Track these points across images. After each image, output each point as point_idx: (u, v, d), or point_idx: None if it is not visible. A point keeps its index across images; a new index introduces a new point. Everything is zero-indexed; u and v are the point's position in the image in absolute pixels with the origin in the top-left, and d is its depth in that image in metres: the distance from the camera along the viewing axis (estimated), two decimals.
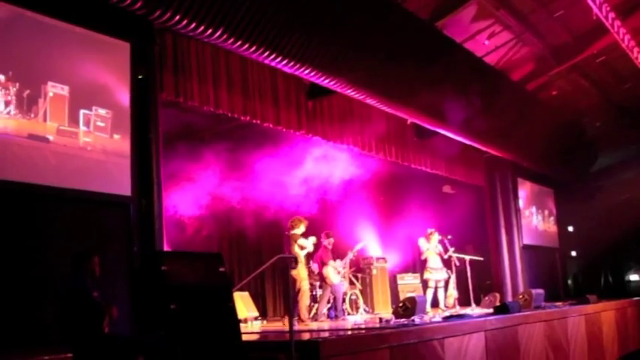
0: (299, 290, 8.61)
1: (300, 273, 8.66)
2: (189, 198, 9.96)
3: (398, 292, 12.74)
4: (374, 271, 12.18)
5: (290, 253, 8.70)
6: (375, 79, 8.60)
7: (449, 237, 10.62)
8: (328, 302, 9.77)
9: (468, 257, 10.54)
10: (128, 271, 6.16)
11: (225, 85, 8.21)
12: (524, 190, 15.11)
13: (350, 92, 8.55)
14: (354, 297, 10.97)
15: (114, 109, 6.26)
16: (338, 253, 10.46)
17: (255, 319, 10.05)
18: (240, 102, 8.41)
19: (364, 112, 10.59)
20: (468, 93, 10.21)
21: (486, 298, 11.05)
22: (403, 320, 6.85)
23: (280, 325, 9.17)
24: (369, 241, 13.24)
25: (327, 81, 8.09)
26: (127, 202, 6.26)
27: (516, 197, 14.33)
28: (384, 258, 12.68)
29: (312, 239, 9.02)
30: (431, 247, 10.42)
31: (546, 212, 16.17)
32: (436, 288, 10.38)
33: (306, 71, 7.69)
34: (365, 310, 11.07)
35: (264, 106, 8.78)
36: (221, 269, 4.87)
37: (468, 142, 11.77)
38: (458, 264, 10.36)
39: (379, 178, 13.85)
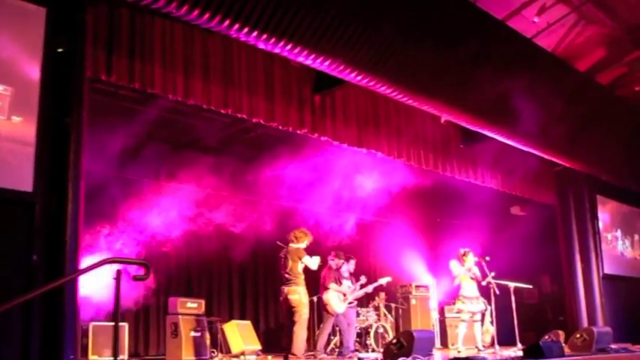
0: (297, 320, 7.02)
1: (302, 298, 7.10)
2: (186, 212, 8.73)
3: (446, 326, 10.84)
4: (412, 301, 10.35)
5: (287, 272, 7.18)
6: (389, 61, 6.98)
7: (487, 258, 8.63)
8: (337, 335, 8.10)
9: (512, 284, 8.49)
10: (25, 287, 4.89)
11: (200, 71, 6.94)
12: (607, 210, 12.69)
13: (355, 77, 6.96)
14: (381, 330, 9.21)
15: (16, 85, 5.11)
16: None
17: (257, 353, 8.56)
18: (219, 92, 7.09)
19: (391, 109, 8.97)
20: (515, 84, 8.36)
21: (546, 337, 8.92)
22: None
23: None
24: (414, 265, 11.45)
25: (322, 62, 6.59)
26: (28, 200, 5.03)
27: (595, 218, 12.00)
28: (425, 286, 10.80)
29: (317, 259, 7.42)
30: (464, 271, 8.49)
31: (636, 237, 13.53)
32: (472, 322, 8.42)
33: (303, 53, 6.27)
34: None
35: (254, 98, 7.41)
36: None
37: (524, 149, 9.79)
38: (498, 292, 8.35)
39: (429, 193, 12.08)
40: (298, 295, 7.04)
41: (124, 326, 8.87)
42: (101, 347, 8.61)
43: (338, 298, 7.92)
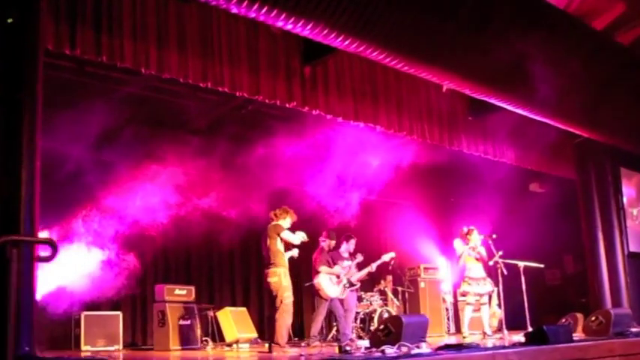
0: (279, 305, 6.53)
1: (282, 281, 6.55)
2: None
3: (458, 310, 10.30)
4: (421, 285, 9.81)
5: (266, 252, 6.69)
6: (377, 24, 6.39)
7: (494, 236, 8.01)
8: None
9: (522, 264, 7.86)
10: None
11: (175, 43, 6.47)
12: (632, 184, 11.90)
13: (342, 43, 6.37)
14: (385, 316, 8.69)
15: None
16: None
17: (254, 341, 8.14)
18: (197, 65, 6.62)
19: (390, 79, 8.40)
20: (523, 46, 7.70)
21: (563, 320, 8.31)
22: (371, 351, 4.64)
23: (261, 349, 7.17)
24: (426, 247, 10.89)
25: (303, 27, 6.04)
26: None
27: (618, 192, 11.25)
28: (435, 268, 10.24)
29: (301, 234, 6.81)
30: (468, 250, 7.90)
31: None
32: (479, 305, 7.84)
33: (281, 16, 5.75)
34: None
35: (236, 70, 6.92)
36: None
37: (538, 119, 9.11)
38: (506, 272, 7.73)
39: (442, 171, 11.49)
40: (277, 277, 6.47)
41: (118, 315, 8.60)
42: (94, 337, 8.38)
43: (330, 281, 7.43)
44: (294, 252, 6.81)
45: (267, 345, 6.51)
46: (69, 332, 8.54)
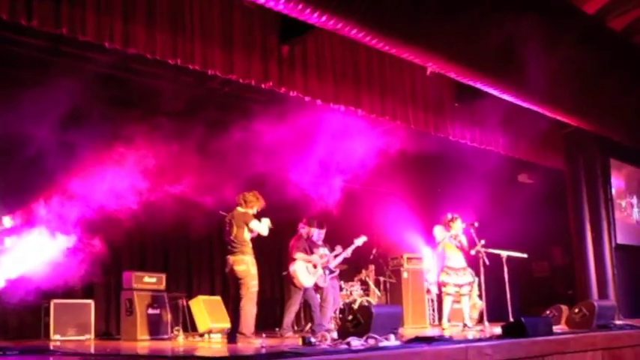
0: (245, 293, 6.21)
1: (250, 269, 6.24)
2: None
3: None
4: (404, 275, 9.53)
5: (231, 239, 6.37)
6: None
7: (475, 224, 7.72)
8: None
9: (504, 253, 7.58)
10: None
11: (142, 16, 6.11)
12: (622, 176, 11.67)
13: (319, 19, 6.02)
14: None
15: None
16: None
17: (227, 331, 7.81)
18: (166, 40, 6.27)
19: (374, 61, 8.08)
20: (510, 29, 7.40)
21: (548, 312, 8.05)
22: (336, 343, 4.34)
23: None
24: (410, 237, 10.60)
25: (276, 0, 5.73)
26: None
27: (607, 183, 11.01)
28: (419, 258, 9.95)
29: (267, 222, 6.51)
30: (448, 238, 7.60)
31: None
32: (460, 296, 7.57)
33: None
34: None
35: (208, 47, 6.58)
36: None
37: (526, 105, 8.82)
38: (488, 262, 7.45)
39: (429, 160, 11.21)
40: (245, 265, 6.19)
41: (90, 304, 8.29)
42: (64, 326, 8.07)
43: (307, 270, 7.13)
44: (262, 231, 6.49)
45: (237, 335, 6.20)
46: (39, 321, 8.25)
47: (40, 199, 7.07)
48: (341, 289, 8.51)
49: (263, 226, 6.43)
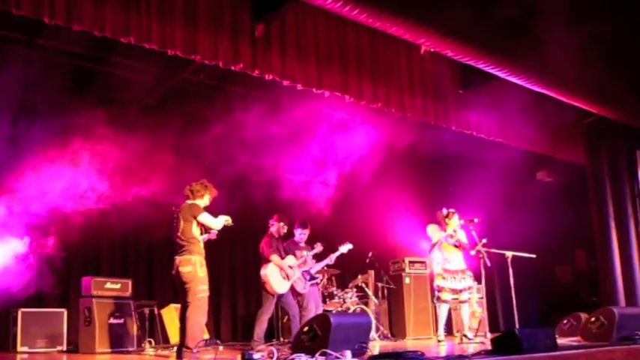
0: (191, 300, 5.32)
1: (198, 271, 5.36)
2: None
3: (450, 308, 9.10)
4: (406, 280, 8.65)
5: (178, 236, 5.55)
6: None
7: (475, 220, 6.79)
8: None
9: (510, 253, 6.63)
10: None
11: None
12: None
13: None
14: None
15: None
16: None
17: (207, 342, 7.05)
18: (118, 16, 5.55)
19: (363, 41, 7.28)
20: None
21: (564, 321, 7.09)
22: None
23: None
24: (415, 240, 9.71)
25: None
26: None
27: (634, 178, 9.98)
28: (422, 262, 9.05)
29: (225, 218, 5.61)
30: (444, 237, 6.69)
31: None
32: (459, 302, 6.66)
33: None
34: (382, 336, 7.63)
35: (168, 25, 5.83)
36: None
37: (540, 90, 7.91)
38: (490, 264, 6.51)
39: (438, 157, 10.33)
40: (192, 266, 5.32)
41: (62, 312, 7.66)
42: (33, 337, 7.45)
43: (280, 274, 6.30)
44: (213, 234, 5.69)
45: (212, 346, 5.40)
46: (8, 331, 7.64)
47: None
48: (333, 296, 7.70)
49: (216, 221, 5.55)
